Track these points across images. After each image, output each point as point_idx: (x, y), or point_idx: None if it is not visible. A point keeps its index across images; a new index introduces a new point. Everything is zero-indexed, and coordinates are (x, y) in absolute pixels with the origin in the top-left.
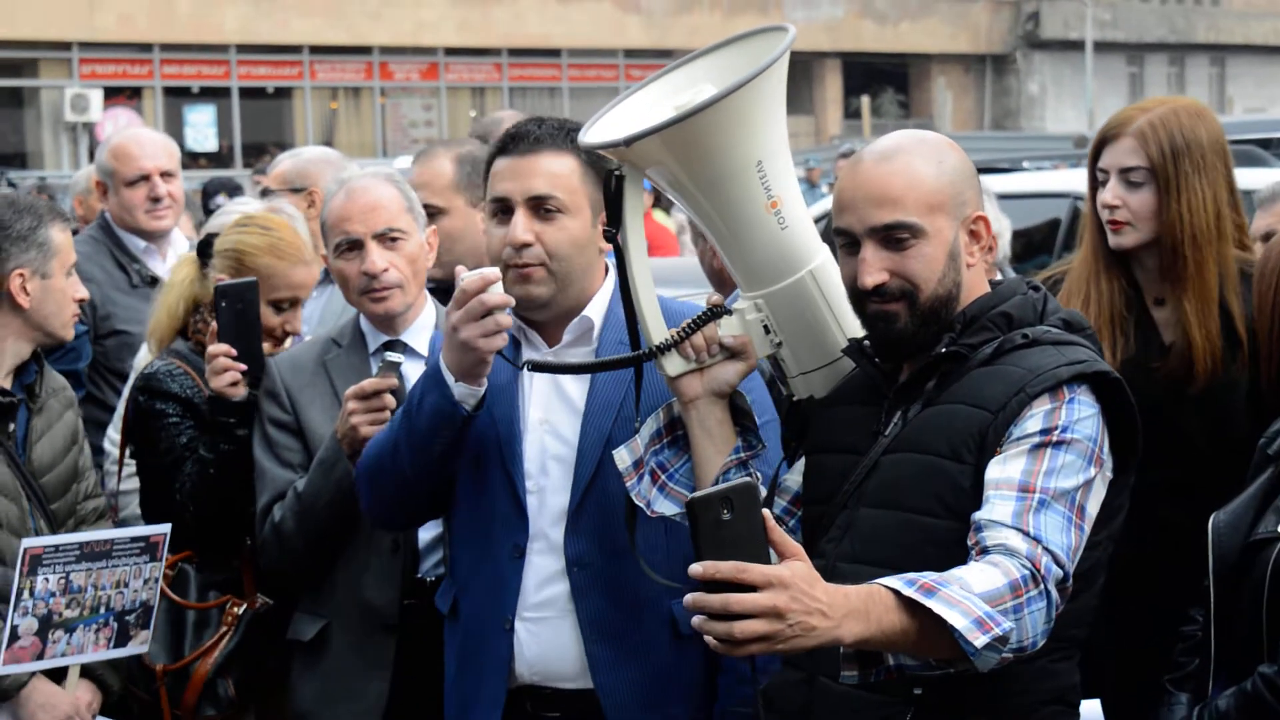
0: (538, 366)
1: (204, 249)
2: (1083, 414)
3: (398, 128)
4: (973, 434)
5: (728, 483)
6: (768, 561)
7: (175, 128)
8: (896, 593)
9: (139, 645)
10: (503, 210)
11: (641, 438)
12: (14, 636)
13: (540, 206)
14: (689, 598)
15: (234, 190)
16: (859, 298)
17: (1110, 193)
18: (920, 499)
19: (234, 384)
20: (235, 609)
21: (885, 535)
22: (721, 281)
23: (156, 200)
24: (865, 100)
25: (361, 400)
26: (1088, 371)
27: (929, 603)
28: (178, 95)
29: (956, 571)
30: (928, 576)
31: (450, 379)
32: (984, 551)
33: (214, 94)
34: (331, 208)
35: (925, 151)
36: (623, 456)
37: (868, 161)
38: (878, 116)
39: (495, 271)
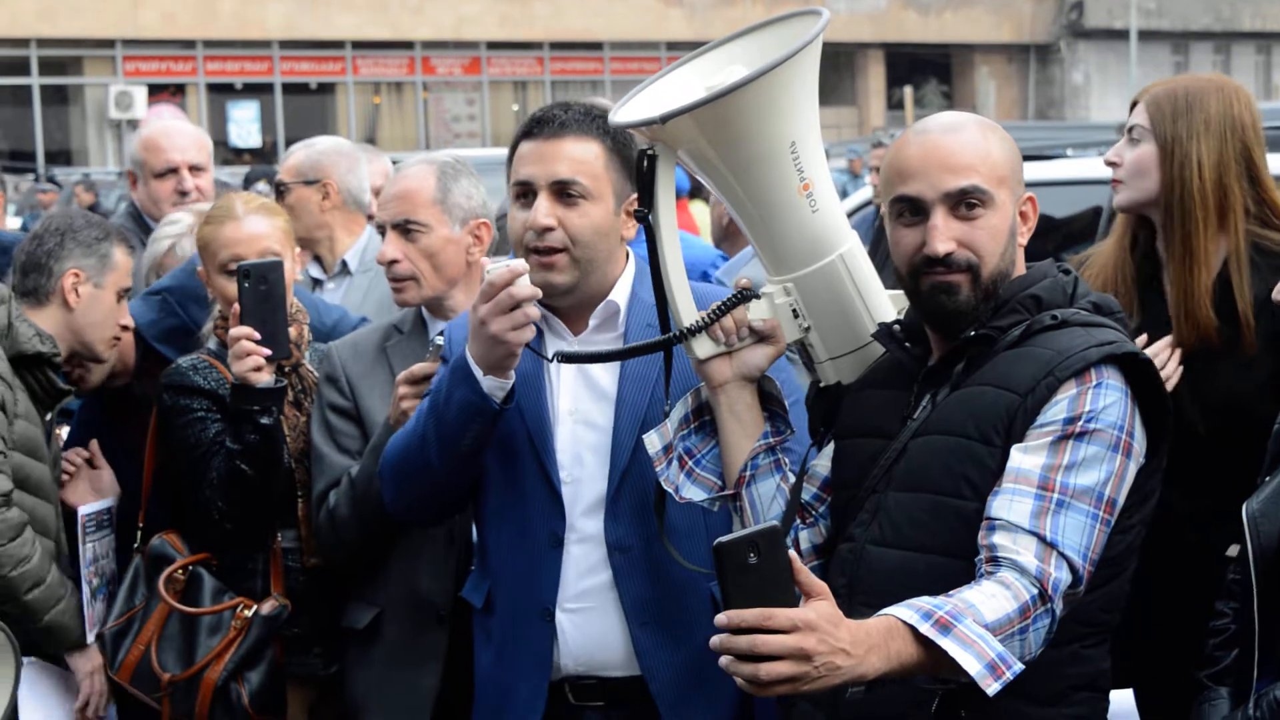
0: (568, 358)
1: None
2: (1108, 400)
3: (440, 122)
4: (1001, 416)
5: (753, 528)
6: (794, 601)
7: (219, 124)
8: (913, 627)
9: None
10: (525, 194)
11: (670, 422)
12: (87, 603)
13: (563, 191)
14: (715, 640)
15: (274, 180)
16: (917, 270)
17: (1113, 150)
18: (948, 481)
19: (257, 368)
20: (245, 612)
21: (914, 518)
22: (724, 236)
23: (184, 194)
24: (908, 91)
25: (412, 385)
26: (1117, 353)
27: (943, 642)
28: (221, 92)
29: (970, 596)
30: (943, 608)
31: (479, 373)
32: (994, 561)
33: (257, 90)
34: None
35: (989, 128)
36: (653, 441)
37: (935, 132)
38: (921, 107)
39: (523, 264)
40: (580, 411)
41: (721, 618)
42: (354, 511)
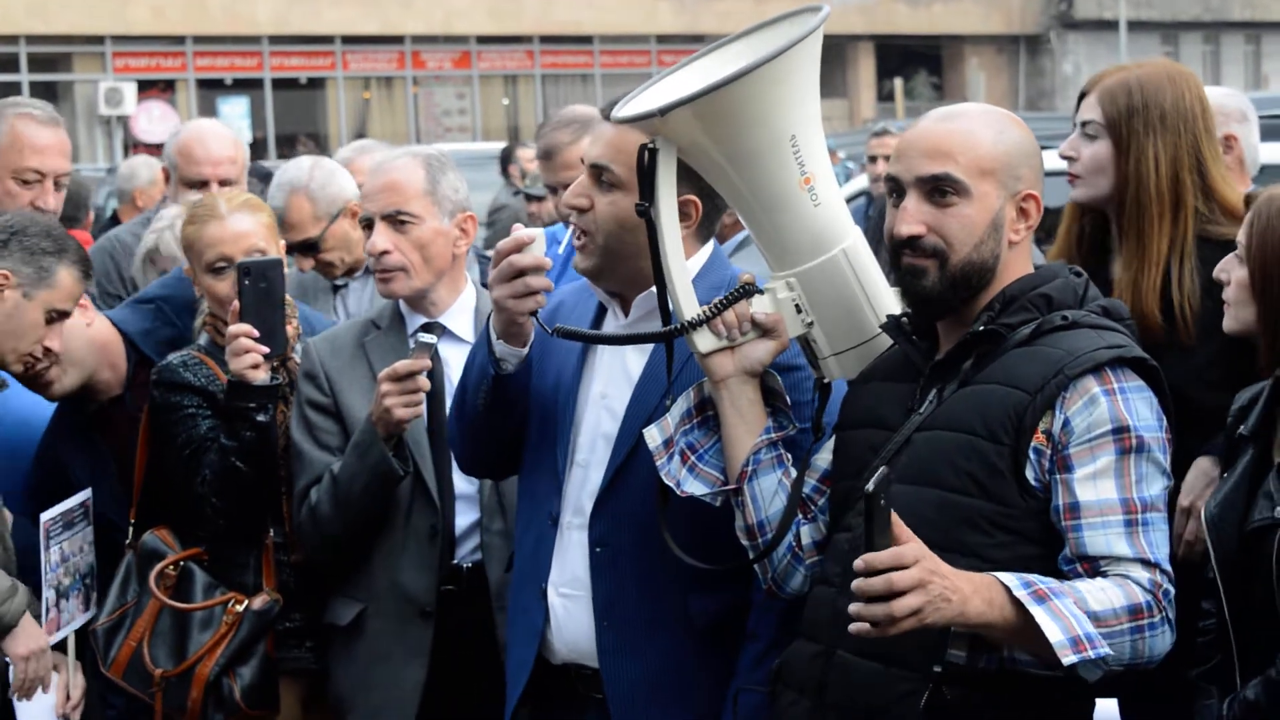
0: (566, 334)
1: None
2: (1140, 404)
3: (431, 117)
4: (1010, 415)
5: (877, 474)
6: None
7: None
8: (1009, 589)
9: (94, 606)
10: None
11: (672, 416)
12: (47, 609)
13: (599, 176)
14: (858, 583)
15: (265, 177)
16: (895, 251)
17: (1067, 144)
18: (955, 477)
19: (255, 366)
20: (236, 606)
21: (916, 511)
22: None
23: None
24: (898, 83)
25: (395, 382)
26: (1126, 356)
27: (1033, 609)
28: (211, 87)
29: (1079, 584)
30: (1045, 583)
31: (494, 336)
32: (1100, 574)
33: (247, 85)
34: (364, 185)
35: (988, 120)
36: (653, 435)
37: (931, 119)
38: (911, 99)
39: (533, 233)
40: (609, 396)
41: (859, 563)
42: (336, 509)
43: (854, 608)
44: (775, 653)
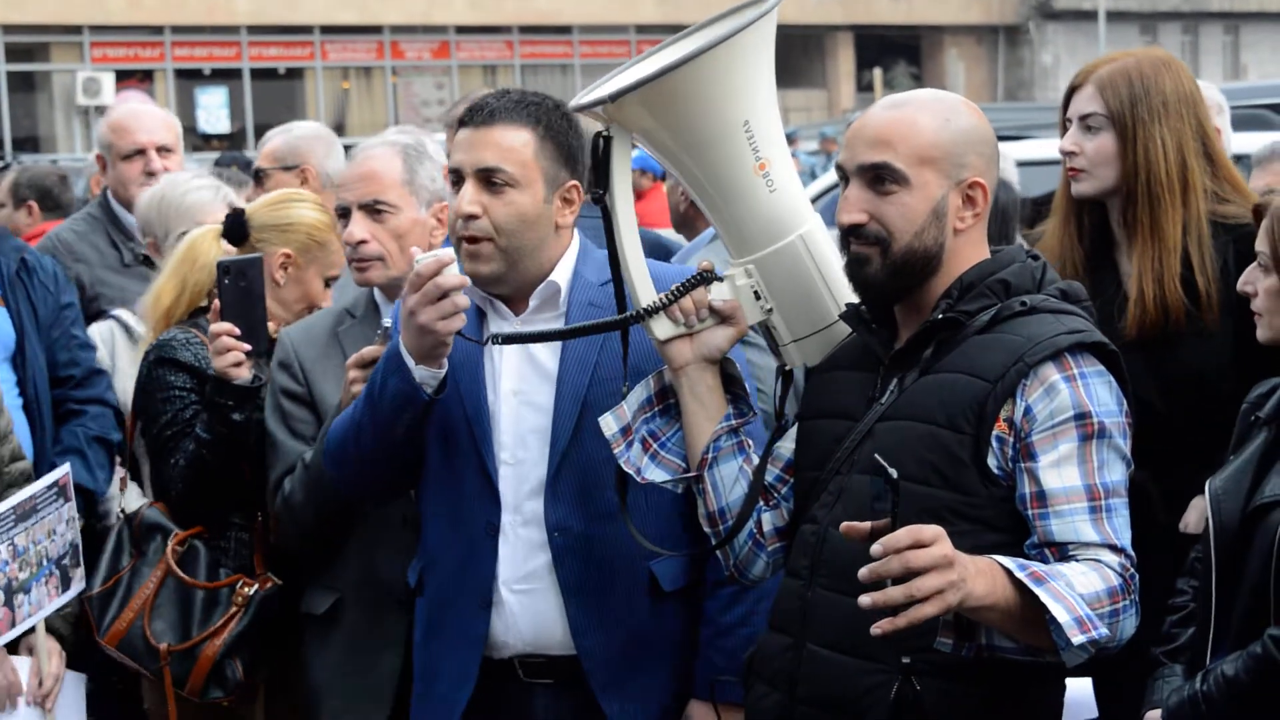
0: (509, 339)
1: (239, 226)
2: (1100, 390)
3: (410, 107)
4: (971, 404)
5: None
6: None
7: (187, 110)
8: (1009, 572)
9: (79, 583)
10: (457, 181)
11: (629, 404)
12: None
13: (489, 179)
14: (867, 570)
15: (245, 165)
16: (844, 239)
17: (1069, 139)
18: (917, 468)
19: (237, 364)
20: (246, 589)
21: None
22: (681, 223)
23: (151, 175)
24: (878, 73)
25: (363, 369)
26: (1086, 341)
27: (1038, 591)
28: (189, 77)
29: (1062, 568)
30: (1036, 565)
31: (410, 362)
32: (1070, 559)
33: (225, 76)
34: (341, 173)
35: (934, 107)
36: (609, 423)
37: (879, 107)
38: (890, 89)
39: (449, 253)
40: (524, 392)
41: (877, 547)
42: (309, 497)
43: (865, 600)
44: (744, 596)
